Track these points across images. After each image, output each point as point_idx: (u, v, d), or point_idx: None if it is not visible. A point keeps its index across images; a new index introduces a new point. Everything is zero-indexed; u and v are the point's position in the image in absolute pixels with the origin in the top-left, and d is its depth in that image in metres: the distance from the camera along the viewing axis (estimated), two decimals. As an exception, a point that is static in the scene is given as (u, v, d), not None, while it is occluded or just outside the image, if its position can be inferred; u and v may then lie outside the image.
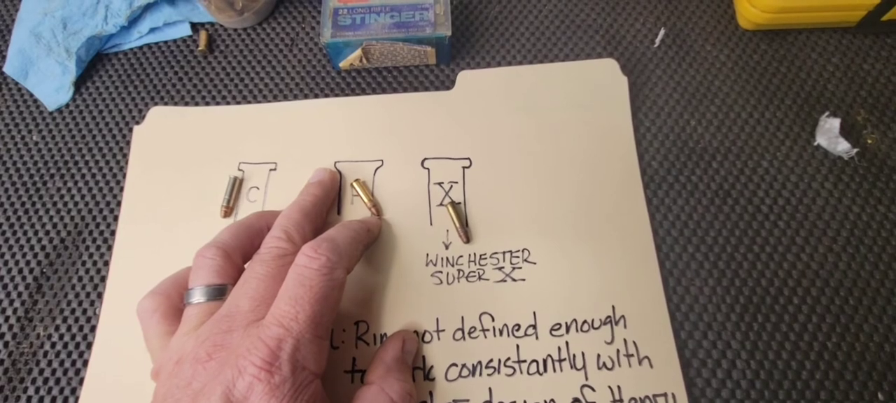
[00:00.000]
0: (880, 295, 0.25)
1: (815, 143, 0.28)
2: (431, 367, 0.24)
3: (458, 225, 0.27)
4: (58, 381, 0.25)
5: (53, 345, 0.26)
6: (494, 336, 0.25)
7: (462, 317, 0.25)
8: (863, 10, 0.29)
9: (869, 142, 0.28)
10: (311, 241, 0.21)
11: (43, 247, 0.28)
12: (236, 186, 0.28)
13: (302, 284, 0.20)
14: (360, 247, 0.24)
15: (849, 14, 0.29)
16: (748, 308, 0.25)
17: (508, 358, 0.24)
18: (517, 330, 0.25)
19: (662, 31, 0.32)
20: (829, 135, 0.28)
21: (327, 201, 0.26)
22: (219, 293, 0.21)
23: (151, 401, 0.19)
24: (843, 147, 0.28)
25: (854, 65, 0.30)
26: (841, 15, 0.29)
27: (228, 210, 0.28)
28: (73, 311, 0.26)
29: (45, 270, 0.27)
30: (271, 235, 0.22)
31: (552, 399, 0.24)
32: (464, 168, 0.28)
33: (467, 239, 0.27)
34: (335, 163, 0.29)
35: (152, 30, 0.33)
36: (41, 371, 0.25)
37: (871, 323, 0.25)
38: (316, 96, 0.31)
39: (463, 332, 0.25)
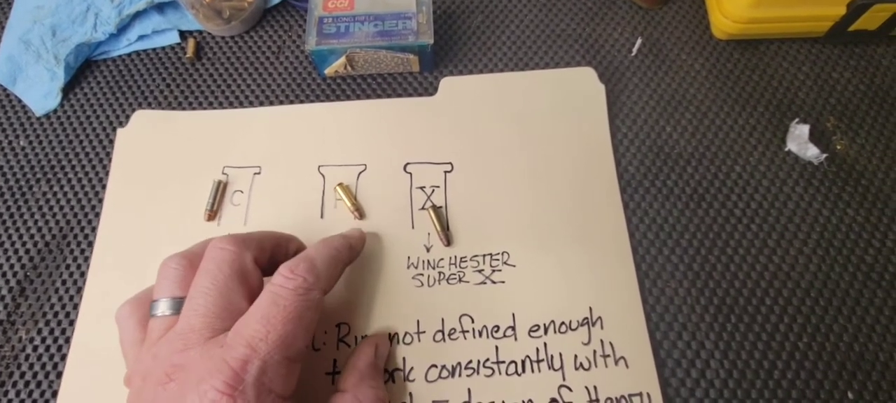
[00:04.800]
0: (849, 296, 0.26)
1: (786, 149, 0.29)
2: (411, 368, 0.25)
3: (439, 228, 0.27)
4: (39, 384, 0.25)
5: (35, 349, 0.26)
6: (474, 337, 0.25)
7: (442, 319, 0.26)
8: (830, 20, 0.30)
9: (838, 147, 0.29)
10: (288, 261, 0.20)
11: (27, 251, 0.28)
12: (220, 190, 0.28)
13: (275, 304, 0.19)
14: (340, 267, 0.23)
15: (817, 24, 0.30)
16: (722, 309, 0.26)
17: (487, 359, 0.25)
18: (496, 332, 0.25)
19: (639, 41, 0.32)
20: (799, 140, 0.29)
21: (347, 259, 0.24)
22: (179, 306, 0.20)
23: None
24: (812, 152, 0.29)
25: (823, 73, 0.31)
26: (810, 25, 0.30)
27: (212, 214, 0.28)
28: (55, 314, 0.27)
29: (28, 274, 0.27)
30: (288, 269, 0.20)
31: (530, 400, 0.24)
32: (445, 172, 0.29)
33: (448, 242, 0.27)
34: (319, 166, 0.29)
35: (141, 37, 0.33)
36: (22, 375, 0.25)
37: (840, 323, 0.25)
38: (301, 102, 0.31)
39: (443, 334, 0.25)
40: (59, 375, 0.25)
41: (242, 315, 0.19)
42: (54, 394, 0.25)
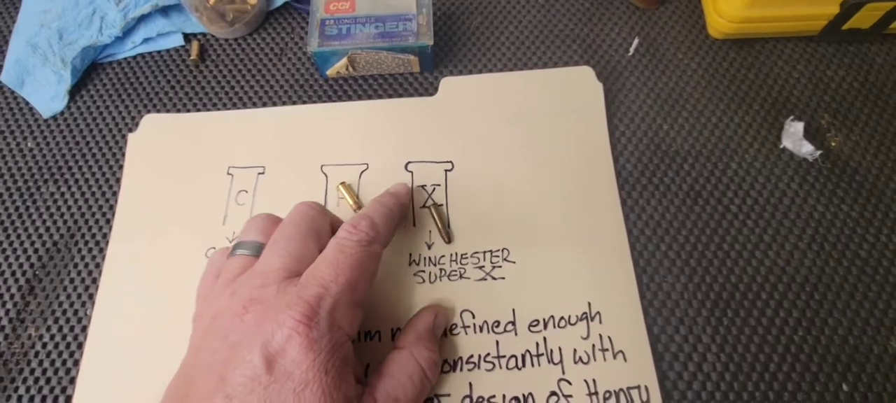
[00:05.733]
0: (844, 290, 0.26)
1: (781, 146, 0.30)
2: (414, 363, 0.25)
3: (440, 226, 0.28)
4: (48, 380, 0.26)
5: (44, 346, 0.26)
6: (475, 332, 0.26)
7: (443, 315, 0.26)
8: (824, 19, 0.30)
9: (833, 144, 0.30)
10: (349, 219, 0.22)
11: (36, 250, 0.29)
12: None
13: (342, 252, 0.20)
14: (394, 223, 0.24)
15: (811, 23, 0.31)
16: (718, 303, 0.26)
17: (488, 354, 0.25)
18: (497, 327, 0.26)
19: (636, 41, 0.33)
20: (794, 138, 0.29)
21: (399, 215, 0.25)
22: (260, 250, 0.22)
23: (188, 348, 0.20)
24: (807, 149, 0.29)
25: (818, 71, 0.32)
26: (804, 24, 0.31)
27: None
28: (64, 312, 0.27)
29: (37, 272, 0.28)
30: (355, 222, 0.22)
31: (530, 393, 0.24)
32: (446, 171, 0.29)
33: (449, 239, 0.28)
34: (321, 166, 0.30)
35: (146, 40, 0.34)
36: (32, 371, 0.26)
37: (835, 317, 0.26)
38: (304, 103, 0.32)
39: (445, 329, 0.26)
40: (68, 371, 0.26)
41: None
42: (63, 391, 0.25)
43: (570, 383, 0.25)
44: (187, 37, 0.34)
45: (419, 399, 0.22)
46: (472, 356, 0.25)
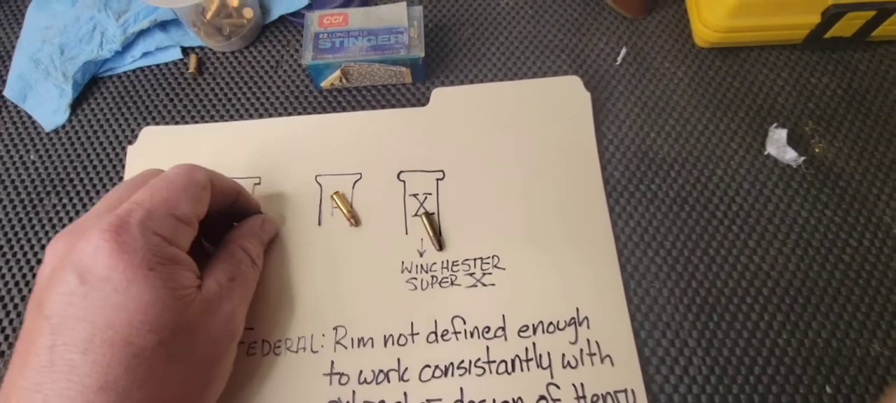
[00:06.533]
0: (827, 294, 0.27)
1: (766, 153, 0.30)
2: (406, 369, 0.26)
3: (431, 234, 0.28)
4: (50, 388, 0.26)
5: (46, 354, 0.27)
6: (466, 338, 0.26)
7: (435, 321, 0.27)
8: (806, 28, 0.31)
9: (816, 150, 0.30)
10: None
11: (39, 262, 0.29)
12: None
13: (162, 179, 0.21)
14: (224, 179, 0.25)
15: (794, 32, 0.31)
16: (704, 308, 0.27)
17: (479, 359, 0.26)
18: (487, 332, 0.26)
19: (624, 50, 0.34)
20: (778, 144, 0.30)
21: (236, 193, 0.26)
22: None
23: None
24: (790, 155, 0.30)
25: (802, 79, 0.32)
26: (787, 33, 0.32)
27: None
28: (65, 321, 0.28)
29: (39, 283, 0.29)
30: None
31: (520, 398, 0.25)
32: (437, 180, 0.30)
33: (440, 247, 0.28)
34: (316, 176, 0.30)
35: (145, 54, 0.35)
36: (34, 379, 0.26)
37: (819, 321, 0.26)
38: (299, 114, 0.33)
39: (436, 335, 0.26)
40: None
41: None
42: None
43: (558, 387, 0.25)
44: (185, 51, 0.35)
45: (250, 282, 0.24)
46: (462, 361, 0.26)
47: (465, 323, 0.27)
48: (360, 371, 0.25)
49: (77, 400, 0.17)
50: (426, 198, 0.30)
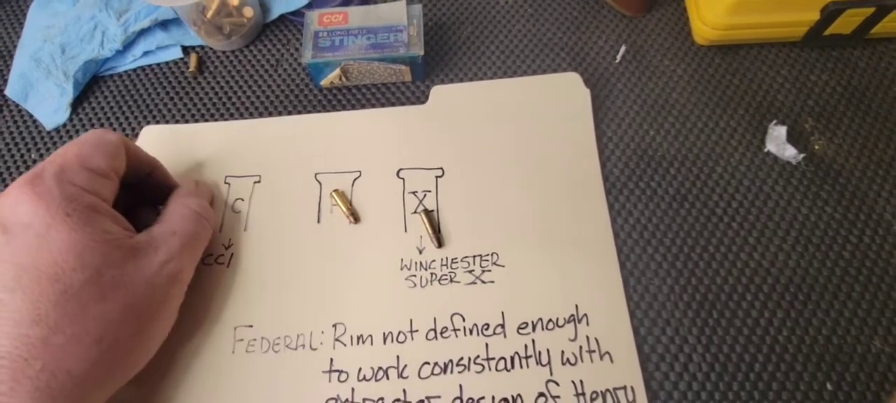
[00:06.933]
0: (827, 291, 0.27)
1: (766, 150, 0.30)
2: (405, 366, 0.26)
3: (430, 231, 0.28)
4: (50, 385, 0.26)
5: (46, 351, 0.27)
6: (465, 335, 0.26)
7: (434, 318, 0.27)
8: (805, 25, 0.31)
9: (816, 147, 0.30)
10: None
11: (38, 259, 0.29)
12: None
13: (74, 142, 0.22)
14: (133, 154, 0.25)
15: (793, 30, 0.31)
16: (704, 305, 0.27)
17: (478, 356, 0.26)
18: (486, 330, 0.26)
19: (623, 48, 0.34)
20: (778, 141, 0.30)
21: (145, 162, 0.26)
22: None
23: None
24: (790, 153, 0.30)
25: (801, 76, 0.32)
26: (786, 30, 0.32)
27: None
28: (66, 319, 0.28)
29: (40, 280, 0.29)
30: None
31: (519, 394, 0.25)
32: (437, 177, 0.30)
33: (440, 244, 0.28)
34: (316, 174, 0.30)
35: (146, 53, 0.35)
36: (34, 377, 0.26)
37: (819, 317, 0.26)
38: (299, 113, 0.33)
39: (435, 332, 0.26)
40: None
41: None
42: None
43: (557, 384, 0.25)
44: (186, 50, 0.35)
45: (201, 235, 0.25)
46: (462, 358, 0.26)
47: (464, 320, 0.27)
48: (360, 369, 0.25)
49: (11, 333, 0.18)
50: (425, 195, 0.30)
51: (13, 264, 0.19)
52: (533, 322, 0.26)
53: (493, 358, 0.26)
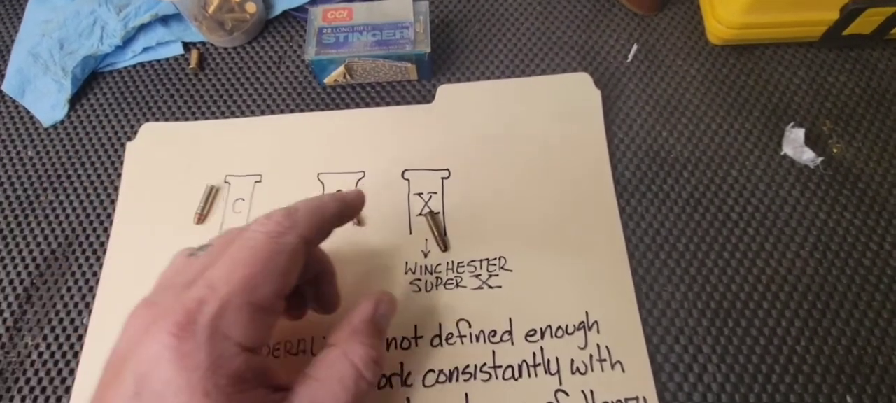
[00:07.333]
0: (847, 299, 0.26)
1: (782, 153, 0.29)
2: (409, 373, 0.25)
3: (436, 234, 0.27)
4: (44, 390, 0.26)
5: (40, 355, 0.26)
6: (471, 342, 0.25)
7: (440, 324, 0.26)
8: (824, 25, 0.30)
9: (834, 151, 0.29)
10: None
11: (33, 259, 0.29)
12: (212, 195, 0.29)
13: (244, 247, 0.18)
14: (326, 217, 0.21)
15: (811, 29, 0.31)
16: (719, 313, 0.26)
17: (485, 364, 0.25)
18: (493, 336, 0.26)
19: (635, 47, 0.33)
20: (795, 144, 0.29)
21: (334, 211, 0.22)
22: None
23: None
24: (808, 156, 0.29)
25: (819, 77, 0.32)
26: (804, 30, 0.31)
27: (201, 217, 0.29)
28: (61, 321, 0.27)
29: (34, 281, 0.28)
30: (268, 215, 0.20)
31: (527, 404, 0.24)
32: (443, 179, 0.29)
33: (445, 247, 0.27)
34: (318, 174, 0.30)
35: (146, 49, 0.34)
36: (28, 380, 0.26)
37: (838, 327, 0.25)
38: (302, 111, 0.32)
39: (440, 339, 0.26)
40: (64, 380, 0.26)
41: None
42: (58, 400, 0.25)
43: (567, 394, 0.24)
44: (187, 46, 0.35)
45: None
46: (468, 366, 0.25)
47: (470, 326, 0.26)
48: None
49: None
50: (431, 197, 0.29)
51: None
52: (541, 329, 0.25)
53: (501, 366, 0.25)
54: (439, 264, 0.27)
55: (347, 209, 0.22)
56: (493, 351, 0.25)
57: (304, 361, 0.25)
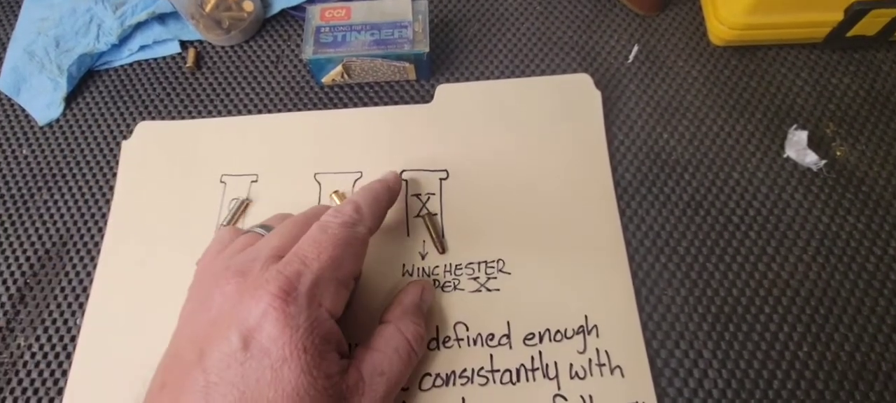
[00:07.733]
0: (850, 305, 0.25)
1: (785, 155, 0.29)
2: (406, 377, 0.24)
3: (434, 236, 0.27)
4: (36, 391, 0.25)
5: (33, 356, 0.26)
6: (469, 345, 0.25)
7: (437, 327, 0.25)
8: (828, 26, 0.30)
9: (838, 153, 0.29)
10: (335, 206, 0.23)
11: (27, 258, 0.28)
12: (241, 209, 0.28)
13: (324, 232, 0.20)
14: (381, 207, 0.24)
15: (815, 30, 0.30)
16: (720, 318, 0.26)
17: (482, 368, 0.25)
18: (491, 340, 0.25)
19: (636, 48, 0.32)
20: (798, 147, 0.29)
21: (386, 200, 0.25)
22: (266, 231, 0.22)
23: (179, 318, 0.21)
24: (811, 159, 0.28)
25: (822, 79, 0.31)
26: (807, 31, 0.30)
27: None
28: (54, 322, 0.27)
29: (28, 281, 0.28)
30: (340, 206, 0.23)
31: (525, 409, 0.24)
32: (441, 180, 0.29)
33: (443, 249, 0.27)
34: (315, 174, 0.29)
35: (142, 47, 0.34)
36: (20, 381, 0.26)
37: (841, 332, 0.25)
38: (299, 110, 0.32)
39: (437, 342, 0.25)
40: (56, 382, 0.25)
41: None
42: (51, 401, 0.25)
43: (565, 399, 0.24)
44: (184, 44, 0.34)
45: (405, 373, 0.22)
46: (465, 370, 0.25)
47: (467, 329, 0.25)
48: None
49: None
50: (429, 198, 0.28)
51: (239, 392, 0.17)
52: (540, 333, 0.25)
53: (498, 371, 0.24)
54: (437, 266, 0.27)
55: (394, 195, 0.26)
56: (491, 355, 0.25)
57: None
